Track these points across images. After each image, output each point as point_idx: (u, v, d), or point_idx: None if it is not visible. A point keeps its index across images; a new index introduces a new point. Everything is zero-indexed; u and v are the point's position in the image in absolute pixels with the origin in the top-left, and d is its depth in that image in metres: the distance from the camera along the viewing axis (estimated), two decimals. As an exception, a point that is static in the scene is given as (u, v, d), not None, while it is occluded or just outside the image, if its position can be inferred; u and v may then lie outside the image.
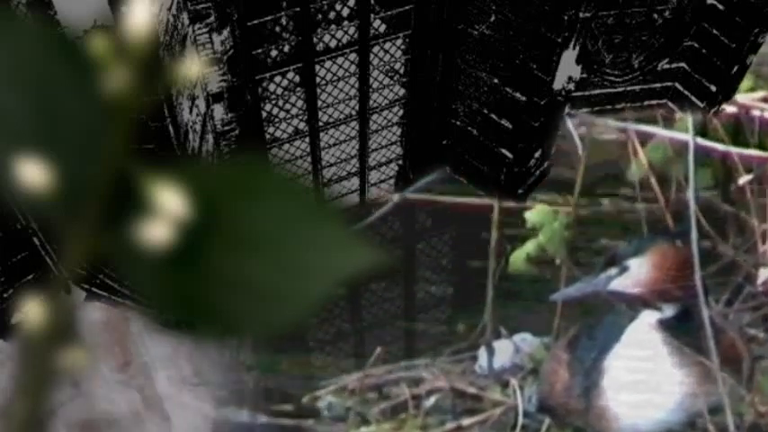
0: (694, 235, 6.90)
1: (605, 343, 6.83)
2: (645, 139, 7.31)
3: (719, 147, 7.31)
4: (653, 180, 7.24)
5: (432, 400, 7.24)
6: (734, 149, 7.32)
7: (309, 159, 6.83)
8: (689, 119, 7.09)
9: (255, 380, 7.11)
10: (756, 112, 7.37)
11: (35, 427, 0.77)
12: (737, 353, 6.85)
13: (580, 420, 6.85)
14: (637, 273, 6.65)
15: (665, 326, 6.74)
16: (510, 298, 7.40)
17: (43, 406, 0.77)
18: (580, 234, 7.35)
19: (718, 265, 7.19)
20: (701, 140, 7.22)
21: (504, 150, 6.74)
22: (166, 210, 0.76)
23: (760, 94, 7.38)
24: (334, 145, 6.87)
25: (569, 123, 7.07)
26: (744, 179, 7.30)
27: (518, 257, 7.35)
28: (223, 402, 6.98)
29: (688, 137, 7.17)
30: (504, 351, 7.32)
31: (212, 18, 4.97)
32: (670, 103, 6.96)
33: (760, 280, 7.18)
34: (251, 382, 7.10)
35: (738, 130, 7.34)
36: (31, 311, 0.77)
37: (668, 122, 7.27)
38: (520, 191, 7.12)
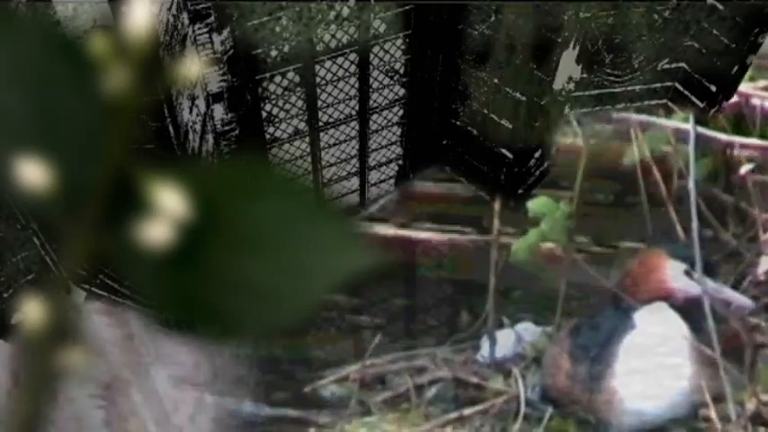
0: (695, 224, 6.90)
1: (608, 332, 6.82)
2: (645, 128, 7.30)
3: (720, 136, 7.30)
4: (654, 169, 7.23)
5: (434, 390, 7.21)
6: (735, 138, 7.31)
7: (309, 159, 6.82)
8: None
9: (257, 372, 7.09)
10: (757, 102, 7.36)
11: (35, 428, 0.77)
12: (740, 342, 6.85)
13: (583, 409, 6.83)
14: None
15: (668, 315, 6.74)
16: (512, 288, 7.38)
17: (43, 406, 0.77)
18: (582, 223, 7.32)
19: (719, 255, 7.19)
20: (701, 129, 7.21)
21: (504, 150, 6.74)
22: (166, 210, 0.76)
23: (761, 83, 7.37)
24: (334, 145, 6.86)
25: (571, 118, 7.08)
26: (745, 168, 7.30)
27: (520, 247, 7.31)
28: (224, 395, 6.97)
29: (689, 126, 7.15)
30: (506, 340, 7.29)
31: (212, 18, 4.97)
32: (670, 103, 6.96)
33: (761, 269, 7.17)
34: (252, 373, 7.09)
35: (739, 120, 7.34)
36: (31, 311, 0.77)
37: (668, 115, 7.27)
38: (520, 191, 7.12)
